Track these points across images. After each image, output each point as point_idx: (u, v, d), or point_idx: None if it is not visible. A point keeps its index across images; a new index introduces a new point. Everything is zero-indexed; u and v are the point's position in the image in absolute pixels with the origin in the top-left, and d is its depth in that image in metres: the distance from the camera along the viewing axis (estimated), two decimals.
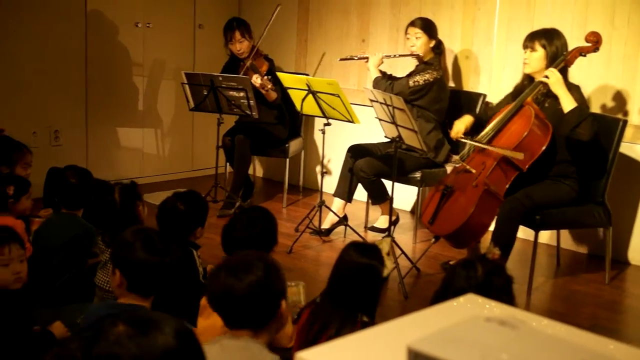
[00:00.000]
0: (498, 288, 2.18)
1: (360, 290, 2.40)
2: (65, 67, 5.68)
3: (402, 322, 1.44)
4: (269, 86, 5.43)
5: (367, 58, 5.12)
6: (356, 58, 5.20)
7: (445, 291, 2.25)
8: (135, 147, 6.25)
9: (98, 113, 5.93)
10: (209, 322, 2.60)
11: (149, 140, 6.33)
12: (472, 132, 4.44)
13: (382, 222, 5.12)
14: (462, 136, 4.41)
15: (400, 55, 5.10)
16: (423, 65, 4.97)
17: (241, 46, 5.58)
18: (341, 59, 5.26)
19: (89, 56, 5.80)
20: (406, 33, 5.00)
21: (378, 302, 2.46)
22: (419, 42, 4.93)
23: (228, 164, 5.80)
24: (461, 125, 4.48)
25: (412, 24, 4.97)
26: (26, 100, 5.49)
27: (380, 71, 5.11)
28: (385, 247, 2.47)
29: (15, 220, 3.66)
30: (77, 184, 3.53)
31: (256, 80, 5.37)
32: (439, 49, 5.04)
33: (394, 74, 5.22)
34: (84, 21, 5.72)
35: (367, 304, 2.43)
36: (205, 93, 5.33)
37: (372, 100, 4.48)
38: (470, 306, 1.53)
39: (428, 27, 4.95)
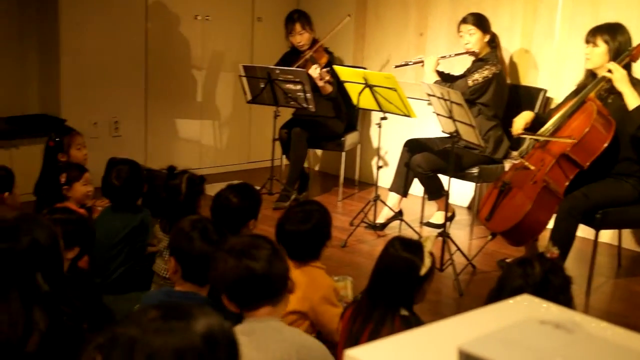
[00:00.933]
0: (555, 288, 2.13)
1: (397, 284, 2.40)
2: (126, 58, 5.77)
3: (455, 322, 1.41)
4: (327, 78, 5.42)
5: (422, 62, 5.05)
6: (411, 63, 5.11)
7: (500, 290, 2.21)
8: (193, 139, 6.32)
9: (157, 104, 6.01)
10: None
11: (206, 132, 6.39)
12: (532, 129, 4.35)
13: (438, 217, 5.08)
14: (523, 132, 4.33)
15: (456, 55, 5.02)
16: (480, 62, 4.89)
17: (301, 38, 5.58)
18: (396, 66, 5.18)
19: (149, 48, 5.88)
20: (459, 31, 4.92)
21: (415, 297, 2.44)
22: (473, 38, 4.85)
23: (284, 156, 5.81)
24: (521, 121, 4.39)
25: (464, 20, 4.89)
26: (89, 91, 5.60)
27: (438, 72, 5.03)
28: (428, 244, 2.45)
29: (78, 208, 3.74)
30: (120, 186, 3.56)
31: (314, 70, 5.37)
32: (494, 42, 4.95)
33: (451, 72, 5.14)
34: (144, 14, 5.80)
35: (405, 299, 2.42)
36: (262, 86, 5.35)
37: (429, 95, 4.43)
38: (525, 307, 1.49)
39: (480, 21, 4.86)
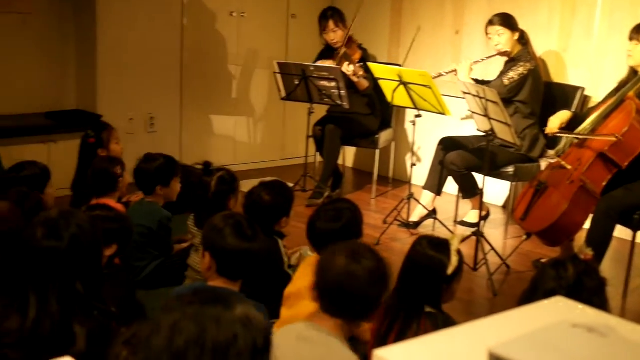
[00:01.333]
0: (590, 290, 2.09)
1: (424, 283, 2.40)
2: (162, 55, 5.81)
3: (485, 323, 1.40)
4: (360, 73, 5.40)
5: (455, 70, 4.97)
6: (445, 73, 5.00)
7: (534, 291, 2.18)
8: (228, 135, 6.34)
9: (192, 100, 6.04)
10: (292, 312, 2.61)
11: (241, 129, 6.41)
12: (569, 128, 4.29)
13: (472, 216, 5.03)
14: (558, 131, 4.27)
15: (488, 58, 4.96)
16: (513, 61, 4.83)
17: (335, 35, 5.57)
18: (434, 78, 5.07)
19: (184, 45, 5.91)
20: (487, 33, 4.87)
21: (443, 296, 2.45)
22: (502, 38, 4.80)
23: (318, 153, 5.81)
24: (556, 121, 4.33)
25: (490, 22, 4.83)
26: (125, 87, 5.65)
27: (473, 80, 4.96)
28: (455, 243, 2.45)
29: (116, 203, 3.78)
30: (150, 171, 3.60)
31: (348, 68, 5.35)
32: (523, 39, 4.88)
33: (485, 78, 5.07)
34: (180, 10, 5.83)
35: (432, 297, 2.43)
36: (296, 82, 5.35)
37: (465, 93, 4.39)
38: (558, 309, 1.46)
39: (507, 21, 4.80)
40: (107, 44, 5.50)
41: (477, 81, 4.95)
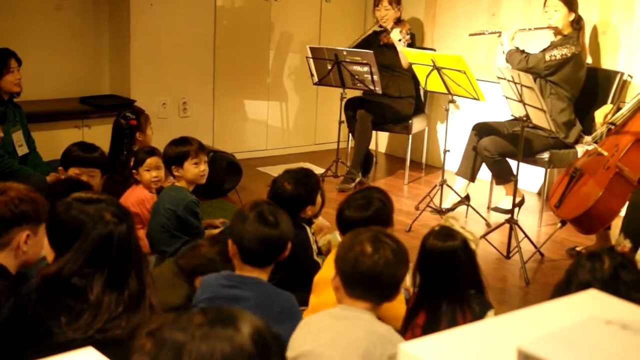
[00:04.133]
0: (626, 284, 2.04)
1: (461, 271, 2.38)
2: (195, 40, 5.81)
3: (515, 317, 1.36)
4: (407, 38, 5.40)
5: (499, 32, 4.93)
6: (487, 33, 5.00)
7: (568, 283, 2.14)
8: (260, 120, 6.34)
9: (225, 85, 6.04)
10: (320, 299, 2.59)
11: (273, 113, 6.40)
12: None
13: (506, 203, 4.95)
14: (606, 124, 4.19)
15: (536, 29, 4.87)
16: (561, 38, 4.73)
17: (386, 13, 5.55)
18: (471, 34, 5.07)
19: (217, 29, 5.90)
20: (544, 5, 4.78)
21: (480, 272, 2.48)
22: (557, 14, 4.70)
23: (351, 136, 5.77)
24: (601, 113, 4.24)
25: None
26: (158, 72, 5.66)
27: (516, 47, 4.91)
28: (454, 222, 2.43)
29: (147, 193, 3.80)
30: (164, 153, 3.65)
31: (395, 33, 5.38)
32: (578, 24, 4.77)
33: (526, 50, 5.00)
34: None
35: (473, 281, 2.44)
36: (329, 67, 5.31)
37: (499, 78, 4.32)
38: (591, 304, 1.42)
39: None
40: (140, 28, 5.51)
41: (517, 49, 4.88)
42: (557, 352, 1.04)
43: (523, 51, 4.93)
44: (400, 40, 5.41)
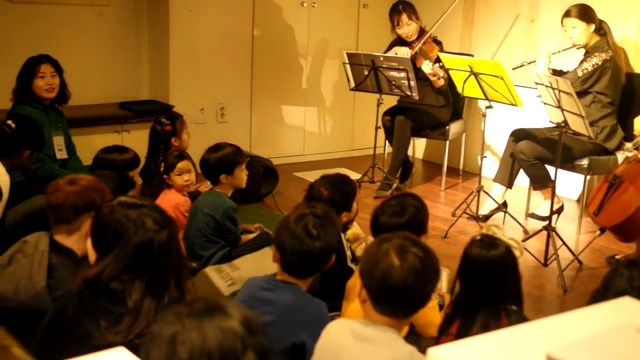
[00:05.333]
0: None
1: (504, 281, 2.32)
2: (232, 45, 5.86)
3: (548, 324, 1.35)
4: (441, 74, 5.31)
5: (534, 62, 4.87)
6: (526, 64, 4.91)
7: (605, 291, 2.10)
8: (297, 125, 6.36)
9: (262, 91, 6.08)
10: (353, 305, 2.58)
11: (310, 119, 6.42)
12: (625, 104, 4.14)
13: (543, 209, 4.88)
14: None
15: (564, 50, 4.82)
16: (589, 52, 4.69)
17: (409, 29, 5.49)
18: (513, 69, 4.96)
19: (255, 35, 5.94)
20: (562, 25, 4.74)
21: (521, 284, 2.40)
22: (576, 31, 4.67)
23: (387, 143, 5.76)
24: None
25: (567, 14, 4.71)
26: (196, 77, 5.72)
27: (551, 70, 4.84)
28: (496, 230, 2.38)
29: (181, 196, 3.84)
30: (213, 161, 3.64)
31: (427, 67, 5.29)
32: (602, 29, 4.72)
33: (563, 69, 4.94)
34: (252, 1, 5.86)
35: (513, 293, 2.37)
36: (365, 73, 5.31)
37: (537, 83, 4.27)
38: (624, 311, 1.41)
39: (583, 13, 4.66)
40: (179, 35, 5.58)
41: (555, 72, 4.83)
42: (586, 359, 1.03)
43: (557, 72, 4.85)
44: (433, 74, 5.30)
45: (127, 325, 1.89)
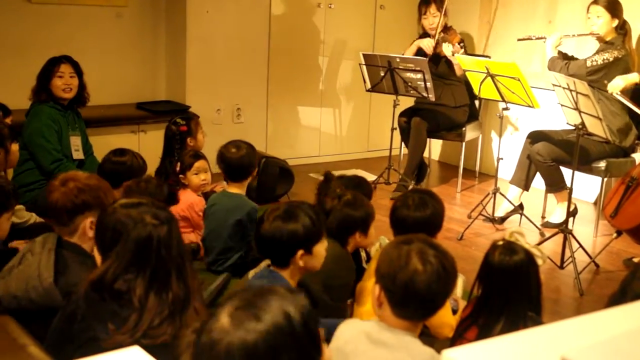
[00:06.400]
0: None
1: (525, 288, 2.29)
2: (249, 46, 5.87)
3: (564, 326, 1.34)
4: (461, 51, 5.35)
5: (544, 38, 4.89)
6: (534, 38, 4.97)
7: (623, 294, 2.08)
8: (314, 126, 6.36)
9: (278, 91, 6.09)
10: (365, 308, 2.58)
11: (326, 120, 6.42)
12: (635, 98, 4.14)
13: (557, 217, 4.81)
14: (619, 93, 4.13)
15: (579, 35, 4.82)
16: (604, 44, 4.66)
17: (434, 20, 5.52)
18: (519, 39, 5.04)
19: (272, 36, 5.95)
20: (588, 11, 4.71)
21: (542, 292, 2.35)
22: (599, 21, 4.64)
23: (404, 145, 5.75)
24: (620, 81, 4.19)
25: (595, 1, 4.68)
26: (213, 78, 5.74)
27: (559, 52, 4.85)
28: (519, 237, 2.35)
29: (196, 196, 3.84)
30: (237, 158, 3.62)
31: (447, 49, 5.33)
32: (623, 29, 4.69)
33: (575, 56, 4.93)
34: (268, 2, 5.87)
35: (534, 300, 2.33)
36: (382, 74, 5.31)
37: (554, 85, 4.26)
38: None
39: (612, 5, 4.63)
40: (196, 35, 5.60)
41: (564, 55, 4.83)
42: None
43: (572, 57, 4.86)
44: (453, 53, 5.36)
45: (133, 323, 1.90)
